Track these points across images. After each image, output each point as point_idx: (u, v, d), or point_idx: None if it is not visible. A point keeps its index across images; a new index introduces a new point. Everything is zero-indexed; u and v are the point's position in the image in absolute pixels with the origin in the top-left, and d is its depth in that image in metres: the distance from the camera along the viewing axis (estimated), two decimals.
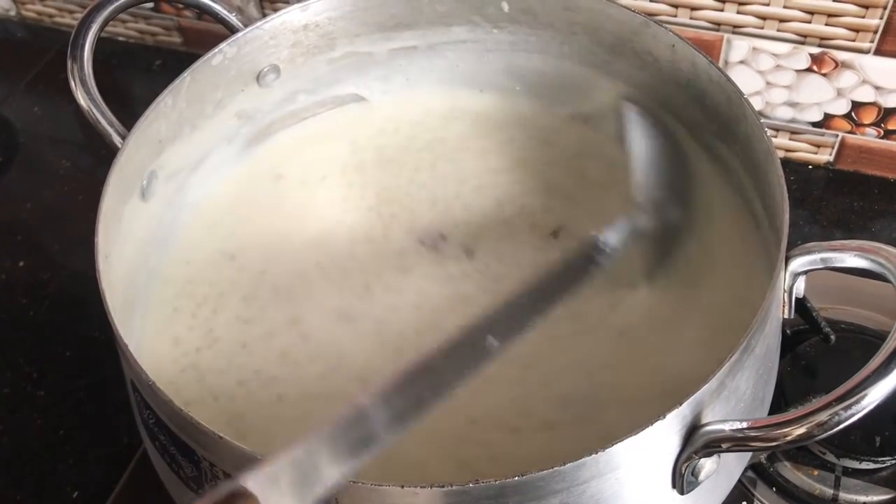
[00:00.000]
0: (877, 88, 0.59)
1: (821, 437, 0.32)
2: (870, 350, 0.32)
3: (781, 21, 0.57)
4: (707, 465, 0.35)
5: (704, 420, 0.34)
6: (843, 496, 0.47)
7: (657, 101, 0.51)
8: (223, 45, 0.48)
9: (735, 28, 0.59)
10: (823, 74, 0.59)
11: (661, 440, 0.33)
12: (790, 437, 0.32)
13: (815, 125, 0.63)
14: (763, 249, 0.46)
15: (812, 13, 0.56)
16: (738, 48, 0.60)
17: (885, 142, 0.62)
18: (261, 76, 0.52)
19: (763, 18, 0.58)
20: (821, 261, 0.38)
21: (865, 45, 0.57)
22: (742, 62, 0.60)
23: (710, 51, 0.60)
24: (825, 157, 0.65)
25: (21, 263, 0.65)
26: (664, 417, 0.32)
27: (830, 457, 0.48)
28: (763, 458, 0.49)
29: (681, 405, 0.33)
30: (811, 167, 0.65)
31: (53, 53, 0.81)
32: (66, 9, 0.81)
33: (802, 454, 0.49)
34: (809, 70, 0.59)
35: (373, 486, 0.31)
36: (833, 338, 0.50)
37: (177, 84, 0.47)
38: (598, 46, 0.52)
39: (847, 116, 0.61)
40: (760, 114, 0.62)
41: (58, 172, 0.71)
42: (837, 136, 0.63)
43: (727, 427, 0.33)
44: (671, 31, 0.47)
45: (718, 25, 0.59)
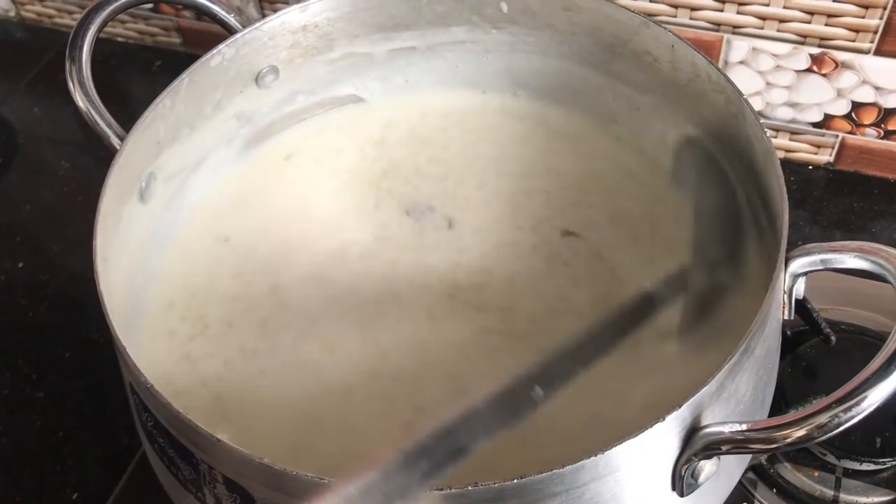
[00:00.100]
0: (877, 89, 0.59)
1: (821, 439, 0.31)
2: (870, 351, 0.32)
3: (781, 21, 0.57)
4: (707, 467, 0.35)
5: (704, 422, 0.34)
6: (844, 497, 0.47)
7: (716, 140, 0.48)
8: (222, 47, 0.48)
9: (735, 28, 0.59)
10: (823, 75, 0.59)
11: (661, 442, 0.33)
12: (790, 440, 0.32)
13: (815, 126, 0.63)
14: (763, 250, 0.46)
15: (812, 13, 0.56)
16: (738, 48, 0.60)
17: (886, 142, 0.62)
18: (259, 77, 0.52)
19: (763, 19, 0.58)
20: (821, 262, 0.38)
21: (865, 46, 0.57)
22: (742, 62, 0.60)
23: (710, 51, 0.60)
24: (825, 158, 0.65)
25: (20, 264, 0.65)
26: (663, 419, 0.32)
27: (831, 458, 0.48)
28: (763, 460, 0.49)
29: (680, 407, 0.32)
30: (811, 168, 0.65)
31: (53, 54, 0.81)
32: (66, 9, 0.81)
33: (803, 455, 0.49)
34: (809, 70, 0.59)
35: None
36: (833, 339, 0.50)
37: (175, 85, 0.46)
38: (598, 47, 0.52)
39: (847, 117, 0.61)
40: (760, 114, 0.62)
41: (57, 173, 0.71)
42: (837, 137, 0.63)
43: (727, 429, 0.33)
44: (671, 32, 0.47)
45: (718, 26, 0.59)
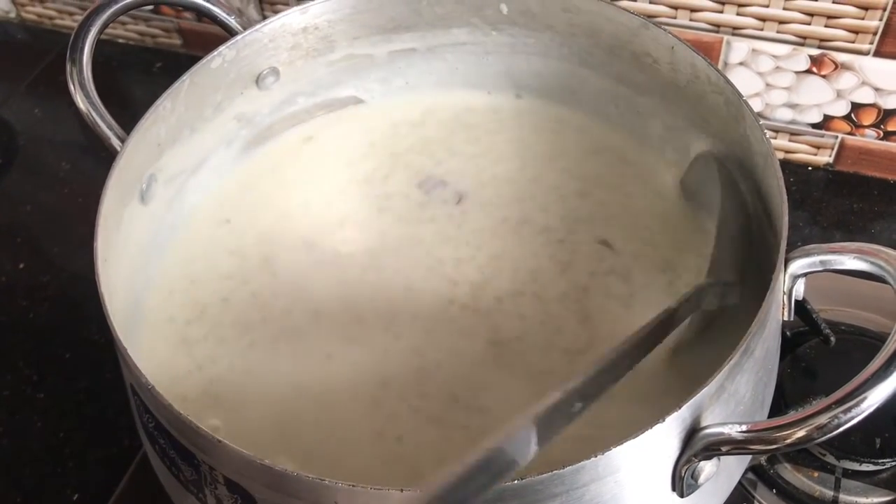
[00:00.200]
0: (876, 90, 0.59)
1: (821, 440, 0.32)
2: (870, 352, 0.32)
3: (781, 23, 0.57)
4: (707, 468, 0.35)
5: (704, 423, 0.34)
6: (844, 498, 0.47)
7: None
8: (222, 48, 0.48)
9: (734, 30, 0.59)
10: (823, 76, 0.59)
11: (661, 443, 0.33)
12: (790, 440, 0.32)
13: (815, 126, 0.63)
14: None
15: (811, 15, 0.56)
16: (738, 50, 0.60)
17: (885, 143, 0.62)
18: (260, 79, 0.52)
19: (762, 20, 0.58)
20: (820, 263, 0.38)
21: (865, 47, 0.57)
22: (741, 64, 0.60)
23: (710, 52, 0.60)
24: (825, 159, 0.65)
25: (21, 266, 0.65)
26: (663, 420, 0.32)
27: (830, 458, 0.48)
28: (763, 460, 0.49)
29: (680, 408, 0.33)
30: (811, 168, 0.65)
31: (54, 55, 0.81)
32: (66, 11, 0.81)
33: (802, 456, 0.49)
34: (809, 72, 0.59)
35: (372, 490, 0.31)
36: (833, 340, 0.50)
37: (176, 87, 0.47)
38: (598, 48, 0.52)
39: (847, 118, 0.61)
40: (760, 115, 0.63)
41: (58, 174, 0.71)
42: (837, 138, 0.63)
43: (727, 430, 0.33)
44: (670, 33, 0.47)
45: (718, 27, 0.59)
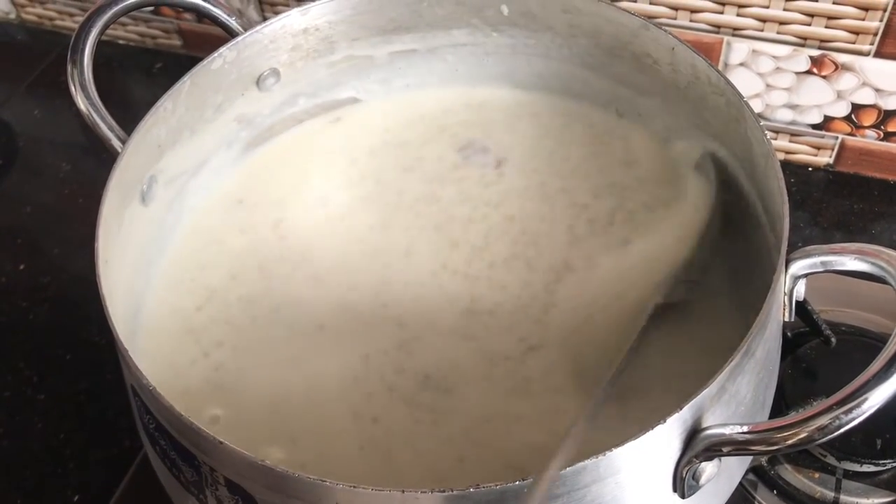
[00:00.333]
0: (877, 91, 0.59)
1: (822, 441, 0.31)
2: (871, 353, 0.32)
3: (781, 23, 0.57)
4: (708, 469, 0.35)
5: (705, 424, 0.34)
6: (844, 499, 0.47)
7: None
8: (223, 50, 0.48)
9: (735, 30, 0.59)
10: (823, 77, 0.59)
11: (662, 444, 0.33)
12: (791, 442, 0.32)
13: (815, 127, 0.63)
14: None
15: (812, 15, 0.56)
16: (738, 50, 0.60)
17: (885, 144, 0.62)
18: (261, 80, 0.52)
19: (763, 21, 0.58)
20: (821, 264, 0.38)
21: (865, 48, 0.57)
22: (742, 64, 0.60)
23: (710, 53, 0.60)
24: (825, 160, 0.65)
25: (21, 266, 0.65)
26: (664, 421, 0.32)
27: (831, 459, 0.48)
28: (764, 461, 0.49)
29: (681, 409, 0.33)
30: (811, 169, 0.65)
31: (54, 56, 0.81)
32: (67, 12, 0.81)
33: (803, 457, 0.49)
34: (809, 72, 0.59)
35: (373, 491, 0.31)
36: (834, 340, 0.50)
37: (176, 88, 0.46)
38: (598, 49, 0.52)
39: (847, 119, 0.61)
40: (760, 116, 0.63)
41: (58, 175, 0.71)
42: (837, 139, 0.63)
43: (728, 431, 0.33)
44: (671, 34, 0.47)
45: (718, 28, 0.59)
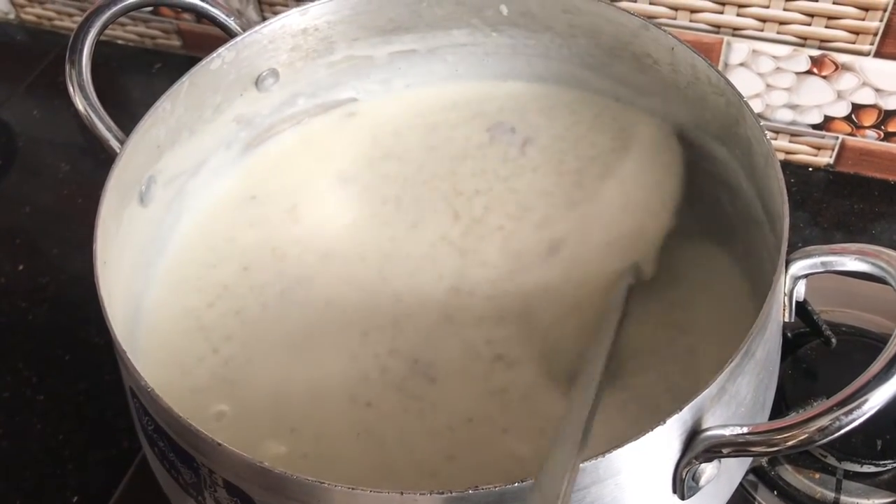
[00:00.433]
0: (877, 91, 0.59)
1: (822, 442, 0.31)
2: (871, 353, 0.32)
3: (781, 23, 0.57)
4: (708, 470, 0.35)
5: (705, 425, 0.34)
6: (845, 499, 0.47)
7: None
8: (222, 50, 0.48)
9: (735, 30, 0.59)
10: (823, 77, 0.59)
11: (662, 445, 0.33)
12: (791, 443, 0.32)
13: (816, 127, 0.63)
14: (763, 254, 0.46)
15: (812, 15, 0.56)
16: (738, 51, 0.60)
17: (886, 144, 0.62)
18: (260, 80, 0.52)
19: (763, 21, 0.58)
20: (821, 264, 0.38)
21: (865, 48, 0.57)
22: (742, 65, 0.60)
23: (710, 53, 0.60)
24: (825, 160, 0.65)
25: (20, 267, 0.65)
26: (664, 422, 0.32)
27: (832, 460, 0.48)
28: (764, 462, 0.49)
29: (681, 410, 0.32)
30: (811, 169, 0.65)
31: (53, 57, 0.81)
32: (66, 12, 0.81)
33: (804, 457, 0.49)
34: (809, 72, 0.59)
35: (372, 493, 0.31)
36: (834, 341, 0.50)
37: (175, 89, 0.46)
38: (598, 49, 0.51)
39: (847, 119, 0.61)
40: (760, 116, 0.62)
41: (57, 176, 0.71)
42: (837, 139, 0.63)
43: (728, 432, 0.33)
44: (670, 34, 0.47)
45: (718, 28, 0.59)
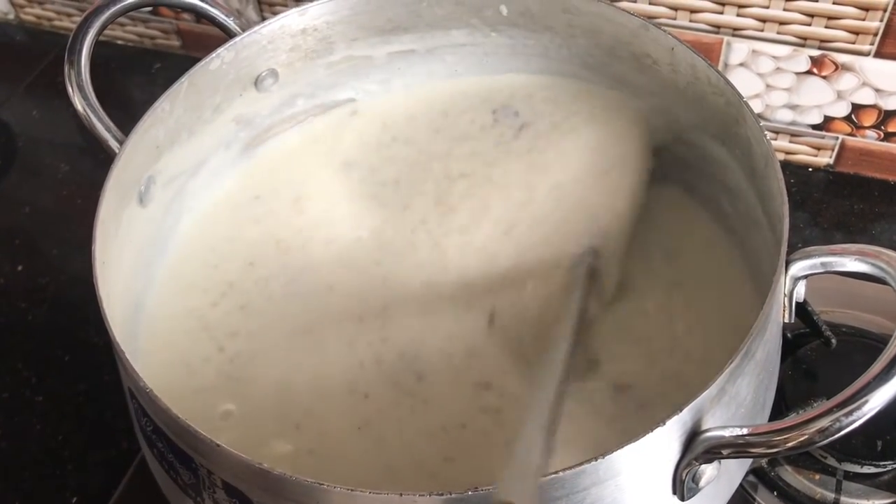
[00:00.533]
0: (877, 91, 0.59)
1: (822, 443, 0.31)
2: (871, 354, 0.32)
3: (781, 24, 0.57)
4: (708, 471, 0.35)
5: (705, 426, 0.34)
6: (845, 500, 0.47)
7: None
8: (221, 50, 0.48)
9: (735, 31, 0.59)
10: (823, 77, 0.59)
11: (662, 446, 0.33)
12: (791, 444, 0.32)
13: (815, 128, 0.63)
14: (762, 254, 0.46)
15: (812, 16, 0.56)
16: (738, 51, 0.60)
17: (886, 144, 0.62)
18: (259, 81, 0.52)
19: (763, 21, 0.58)
20: (821, 265, 0.38)
21: (865, 48, 0.57)
22: (742, 65, 0.60)
23: (710, 53, 0.60)
24: (825, 160, 0.65)
25: (20, 267, 0.65)
26: (664, 424, 0.32)
27: (832, 461, 0.48)
28: (764, 463, 0.49)
29: (681, 411, 0.32)
30: (811, 170, 0.65)
31: (52, 57, 0.81)
32: (65, 12, 0.81)
33: (804, 458, 0.49)
34: (809, 72, 0.59)
35: (371, 494, 0.31)
36: (834, 342, 0.50)
37: (174, 89, 0.46)
38: (598, 49, 0.51)
39: (847, 119, 0.61)
40: (760, 116, 0.62)
41: (56, 176, 0.71)
42: (837, 139, 0.63)
43: (727, 433, 0.33)
44: (670, 34, 0.47)
45: (718, 28, 0.59)
